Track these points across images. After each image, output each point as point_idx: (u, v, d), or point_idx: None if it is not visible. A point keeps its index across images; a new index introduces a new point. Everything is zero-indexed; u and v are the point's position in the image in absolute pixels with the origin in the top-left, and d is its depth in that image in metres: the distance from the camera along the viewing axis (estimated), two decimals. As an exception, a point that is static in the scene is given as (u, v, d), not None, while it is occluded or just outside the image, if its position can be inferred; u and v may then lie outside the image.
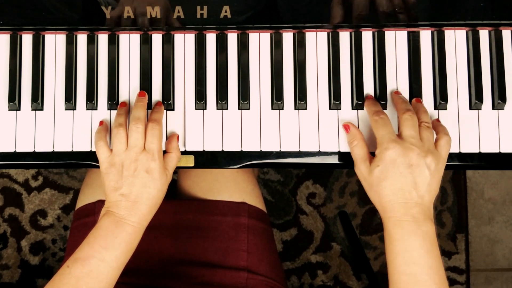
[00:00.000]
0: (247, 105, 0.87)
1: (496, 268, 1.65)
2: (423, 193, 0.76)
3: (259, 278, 0.97)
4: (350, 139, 0.84)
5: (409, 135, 0.78)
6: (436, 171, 0.78)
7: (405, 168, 0.76)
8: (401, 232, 0.76)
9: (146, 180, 0.80)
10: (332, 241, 1.63)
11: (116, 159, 0.81)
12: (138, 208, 0.80)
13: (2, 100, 0.88)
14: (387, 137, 0.78)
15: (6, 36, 0.89)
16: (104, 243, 0.78)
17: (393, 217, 0.77)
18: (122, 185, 0.80)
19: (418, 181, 0.76)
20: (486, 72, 0.88)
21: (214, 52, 0.89)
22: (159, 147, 0.81)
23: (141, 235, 0.82)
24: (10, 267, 1.60)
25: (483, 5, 0.87)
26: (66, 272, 0.76)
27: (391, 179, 0.76)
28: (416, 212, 0.76)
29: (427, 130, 0.80)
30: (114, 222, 0.79)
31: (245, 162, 0.87)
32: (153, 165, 0.80)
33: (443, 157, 0.79)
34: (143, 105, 0.84)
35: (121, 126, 0.82)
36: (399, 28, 0.89)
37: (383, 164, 0.77)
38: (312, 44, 0.89)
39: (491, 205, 1.66)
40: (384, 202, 0.77)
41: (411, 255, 0.75)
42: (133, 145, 0.81)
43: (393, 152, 0.77)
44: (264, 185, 1.63)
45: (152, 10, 0.88)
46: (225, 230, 0.98)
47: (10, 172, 1.62)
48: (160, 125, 0.83)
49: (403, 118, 0.80)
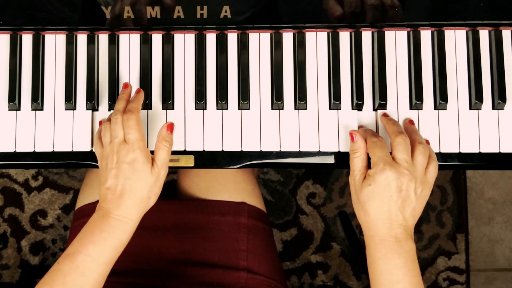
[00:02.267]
0: (247, 105, 0.87)
1: (496, 268, 1.65)
2: (408, 216, 0.78)
3: (259, 278, 0.97)
4: (354, 148, 0.83)
5: (403, 159, 0.78)
6: (422, 197, 0.79)
7: (396, 192, 0.77)
8: (384, 251, 0.77)
9: (128, 172, 0.78)
10: (332, 241, 1.63)
11: (104, 153, 0.81)
12: (122, 201, 0.78)
13: (2, 100, 0.88)
14: (384, 159, 0.78)
15: (6, 36, 0.89)
16: (91, 237, 0.77)
17: (376, 236, 0.78)
18: (107, 178, 0.79)
19: (405, 205, 0.78)
20: (486, 72, 0.88)
21: (214, 52, 0.89)
22: (137, 136, 0.79)
23: (131, 230, 0.79)
24: (10, 267, 1.60)
25: (483, 5, 0.87)
26: (56, 269, 0.76)
27: (380, 200, 0.77)
28: (399, 233, 0.77)
29: (422, 155, 0.79)
30: (101, 216, 0.78)
31: (245, 162, 0.87)
32: (132, 156, 0.78)
33: (429, 183, 0.80)
34: (124, 97, 0.84)
35: (108, 120, 0.82)
36: (399, 28, 0.89)
37: (375, 185, 0.78)
38: (312, 44, 0.89)
39: (491, 205, 1.66)
40: (369, 220, 0.78)
41: (394, 274, 0.76)
42: (114, 136, 0.80)
43: (389, 175, 0.77)
44: (264, 185, 1.63)
45: (152, 10, 0.88)
46: (225, 230, 0.98)
47: (10, 172, 1.62)
48: (135, 114, 0.80)
49: (396, 142, 0.80)
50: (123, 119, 0.80)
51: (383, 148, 0.79)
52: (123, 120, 0.80)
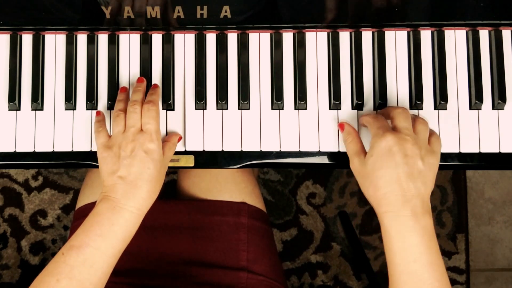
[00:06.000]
0: (247, 105, 0.87)
1: (496, 268, 1.65)
2: (419, 184, 0.73)
3: (259, 278, 0.97)
4: (345, 136, 0.83)
5: (403, 127, 0.76)
6: (431, 165, 0.75)
7: (401, 158, 0.73)
8: (399, 228, 0.73)
9: (145, 160, 0.77)
10: (332, 241, 1.63)
11: (113, 142, 0.79)
12: (137, 191, 0.77)
13: (2, 100, 0.88)
14: (383, 128, 0.77)
15: (6, 36, 0.89)
16: (100, 230, 0.75)
17: (389, 211, 0.74)
18: (119, 167, 0.77)
19: (414, 172, 0.73)
20: (486, 72, 0.88)
21: (214, 52, 0.89)
22: (156, 128, 0.79)
23: (139, 222, 0.78)
24: (10, 267, 1.60)
25: (483, 5, 0.87)
26: (60, 260, 0.74)
27: (387, 168, 0.74)
28: (415, 205, 0.73)
29: (422, 124, 0.78)
30: (111, 208, 0.76)
31: (245, 162, 0.87)
32: (151, 146, 0.78)
33: (436, 152, 0.77)
34: (141, 89, 0.84)
35: (120, 111, 0.82)
36: (399, 28, 0.89)
37: (378, 153, 0.75)
38: (312, 44, 0.89)
39: (491, 205, 1.66)
40: (380, 194, 0.74)
41: (410, 253, 0.72)
42: (131, 125, 0.79)
43: (389, 140, 0.74)
44: (264, 185, 1.63)
45: (152, 10, 0.88)
46: (225, 230, 0.98)
47: (10, 172, 1.62)
48: (156, 106, 0.81)
49: (395, 112, 0.78)
50: (144, 108, 0.80)
51: (382, 120, 0.78)
52: (143, 110, 0.80)
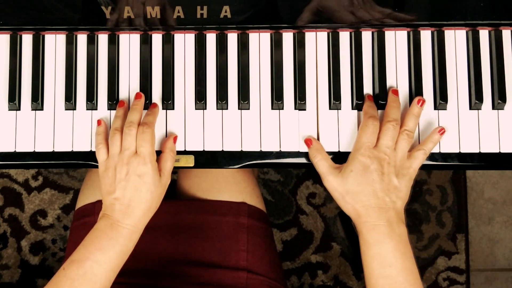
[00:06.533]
0: (247, 105, 0.87)
1: (496, 268, 1.65)
2: (394, 198, 0.80)
3: (259, 278, 0.97)
4: (313, 153, 0.85)
5: (384, 145, 0.81)
6: (406, 181, 0.81)
7: (378, 176, 0.79)
8: (376, 236, 0.79)
9: (138, 184, 0.80)
10: (332, 241, 1.63)
11: (110, 162, 0.82)
12: (132, 211, 0.80)
13: (2, 100, 0.88)
14: (366, 145, 0.81)
15: (6, 36, 0.89)
16: (99, 244, 0.78)
17: (367, 221, 0.79)
18: (115, 188, 0.80)
19: (390, 188, 0.80)
20: (486, 72, 0.88)
21: (214, 52, 0.89)
22: (150, 151, 0.81)
23: (137, 238, 0.82)
24: (10, 267, 1.60)
25: (483, 5, 0.87)
26: (61, 274, 0.77)
27: (366, 184, 0.80)
28: (390, 216, 0.79)
29: (404, 141, 0.82)
30: (109, 225, 0.80)
31: (245, 162, 0.87)
32: (144, 169, 0.80)
33: (412, 168, 0.82)
34: (138, 108, 0.85)
35: (116, 130, 0.83)
36: (399, 28, 0.89)
37: (357, 170, 0.80)
38: (312, 44, 0.89)
39: (491, 205, 1.66)
40: (359, 207, 0.80)
41: (386, 258, 0.78)
42: (126, 148, 0.81)
43: (367, 159, 0.80)
44: (264, 185, 1.63)
45: (152, 10, 0.88)
46: (225, 230, 0.98)
47: (10, 172, 1.62)
48: (151, 128, 0.82)
49: (385, 127, 0.82)
50: (139, 131, 0.82)
51: (372, 135, 0.82)
52: (138, 132, 0.82)
